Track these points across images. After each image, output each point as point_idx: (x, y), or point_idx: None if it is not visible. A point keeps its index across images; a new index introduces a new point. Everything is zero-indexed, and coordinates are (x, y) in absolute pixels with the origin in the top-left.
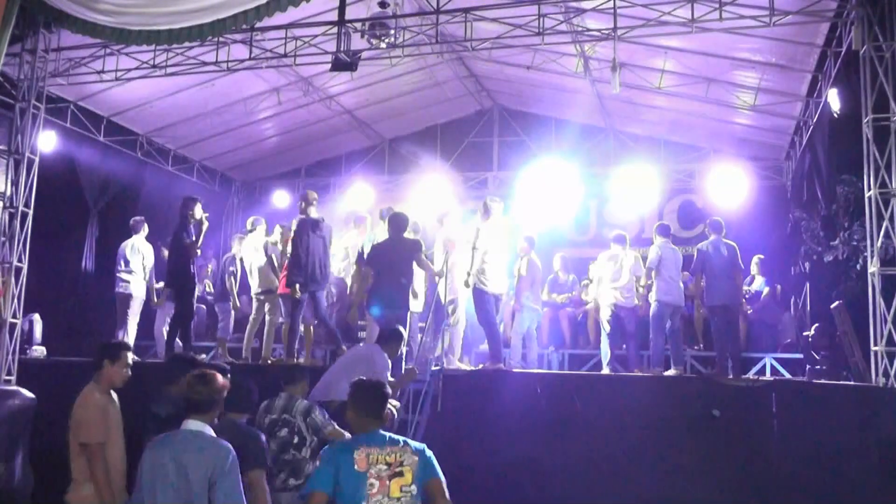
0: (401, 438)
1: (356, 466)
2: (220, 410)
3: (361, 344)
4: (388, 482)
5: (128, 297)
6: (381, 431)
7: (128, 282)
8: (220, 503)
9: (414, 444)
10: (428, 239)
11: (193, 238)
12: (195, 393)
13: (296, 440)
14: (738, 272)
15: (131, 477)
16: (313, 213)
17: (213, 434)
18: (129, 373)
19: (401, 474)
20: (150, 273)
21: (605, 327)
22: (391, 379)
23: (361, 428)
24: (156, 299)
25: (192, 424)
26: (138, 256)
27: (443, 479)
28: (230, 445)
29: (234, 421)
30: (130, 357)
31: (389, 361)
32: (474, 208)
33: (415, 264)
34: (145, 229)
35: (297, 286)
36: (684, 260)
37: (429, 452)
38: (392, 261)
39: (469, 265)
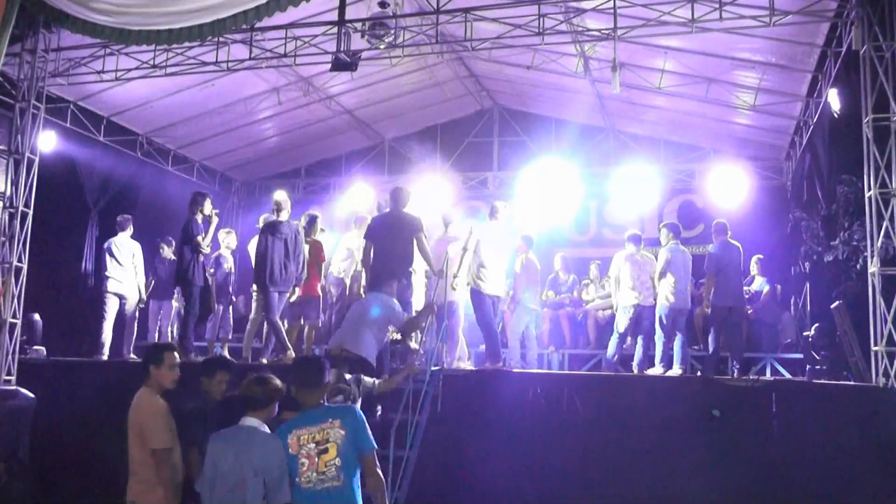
0: (333, 413)
1: (290, 450)
2: (274, 409)
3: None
4: (315, 459)
5: (122, 298)
6: (322, 405)
7: (121, 281)
8: (272, 493)
9: (346, 417)
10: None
11: (203, 235)
12: (252, 392)
13: (349, 404)
14: (744, 272)
15: None
16: (284, 216)
17: (267, 430)
18: (178, 372)
19: (326, 451)
20: (142, 271)
21: (620, 328)
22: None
23: (303, 400)
24: (143, 296)
25: (249, 421)
26: (128, 255)
27: (373, 451)
28: (280, 440)
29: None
30: (176, 356)
31: (395, 301)
32: (473, 209)
33: (416, 249)
34: (131, 228)
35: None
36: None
37: (360, 424)
38: (389, 235)
39: (456, 267)
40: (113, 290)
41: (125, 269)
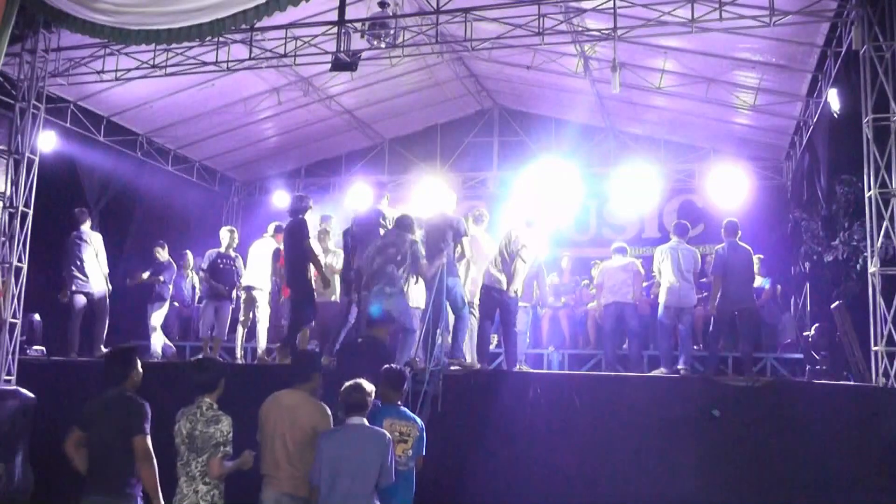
0: (413, 417)
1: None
2: (369, 408)
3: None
4: (396, 445)
5: (89, 295)
6: (402, 407)
7: (86, 278)
8: (383, 477)
9: (420, 424)
10: None
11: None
12: (353, 398)
13: (399, 258)
14: (752, 274)
15: None
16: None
17: (373, 426)
18: None
19: (405, 441)
20: (105, 263)
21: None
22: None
23: (387, 398)
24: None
25: (356, 420)
26: (90, 248)
27: (422, 454)
28: (386, 432)
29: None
30: None
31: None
32: (472, 209)
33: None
34: (89, 220)
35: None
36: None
37: (423, 434)
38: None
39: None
40: (77, 288)
41: (89, 264)
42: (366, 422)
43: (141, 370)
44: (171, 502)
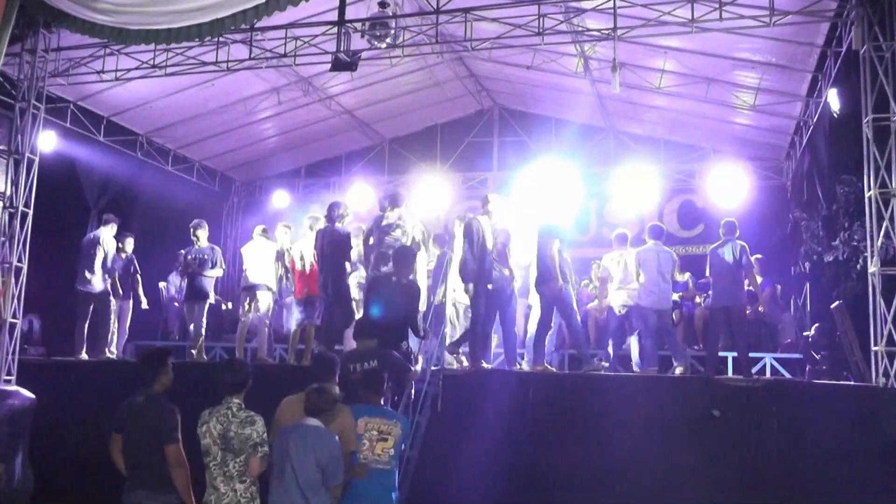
0: (395, 415)
1: (356, 430)
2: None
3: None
4: (375, 443)
5: (93, 295)
6: (382, 406)
7: (90, 278)
8: (328, 477)
9: (403, 422)
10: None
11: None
12: (315, 402)
13: (403, 238)
14: (742, 273)
15: None
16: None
17: (323, 426)
18: None
19: (385, 440)
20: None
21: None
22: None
23: (368, 399)
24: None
25: (312, 421)
26: (100, 251)
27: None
28: (335, 436)
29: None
30: None
31: None
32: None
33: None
34: (114, 227)
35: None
36: (683, 260)
37: (408, 431)
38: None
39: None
40: (83, 287)
41: (97, 266)
42: (321, 425)
43: (172, 373)
44: (204, 500)
